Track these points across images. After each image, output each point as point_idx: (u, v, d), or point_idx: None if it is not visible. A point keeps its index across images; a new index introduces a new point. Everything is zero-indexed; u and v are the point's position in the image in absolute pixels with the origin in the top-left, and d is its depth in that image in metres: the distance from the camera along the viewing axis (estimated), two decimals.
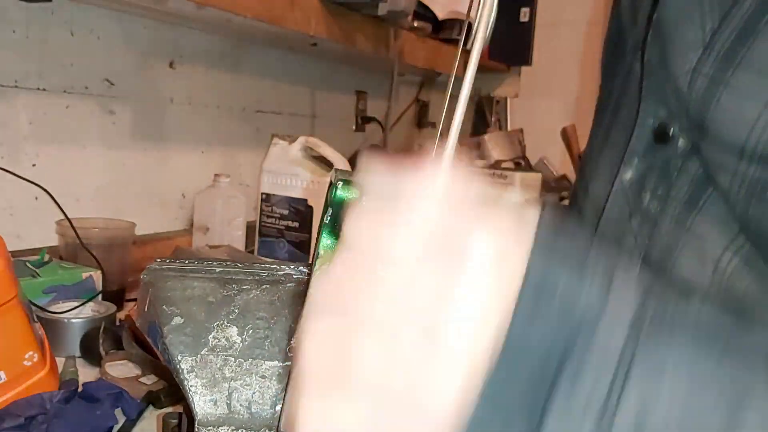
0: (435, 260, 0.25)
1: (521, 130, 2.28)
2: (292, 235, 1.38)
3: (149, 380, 0.84)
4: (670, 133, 0.49)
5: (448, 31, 1.88)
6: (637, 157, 0.51)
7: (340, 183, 0.38)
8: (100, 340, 0.90)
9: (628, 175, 0.52)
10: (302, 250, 1.37)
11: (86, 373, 0.87)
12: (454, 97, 0.32)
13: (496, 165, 1.93)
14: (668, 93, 0.48)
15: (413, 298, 0.24)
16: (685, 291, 0.27)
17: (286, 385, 0.42)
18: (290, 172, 1.38)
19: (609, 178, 0.54)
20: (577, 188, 0.61)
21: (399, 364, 0.24)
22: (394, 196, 0.26)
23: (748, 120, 0.42)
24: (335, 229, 0.40)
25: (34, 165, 1.17)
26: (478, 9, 0.32)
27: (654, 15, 0.49)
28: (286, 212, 1.38)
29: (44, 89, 1.18)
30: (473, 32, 0.32)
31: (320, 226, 0.41)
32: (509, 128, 2.34)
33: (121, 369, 0.87)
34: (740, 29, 0.43)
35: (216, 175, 1.41)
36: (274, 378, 0.43)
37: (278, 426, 0.39)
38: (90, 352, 0.91)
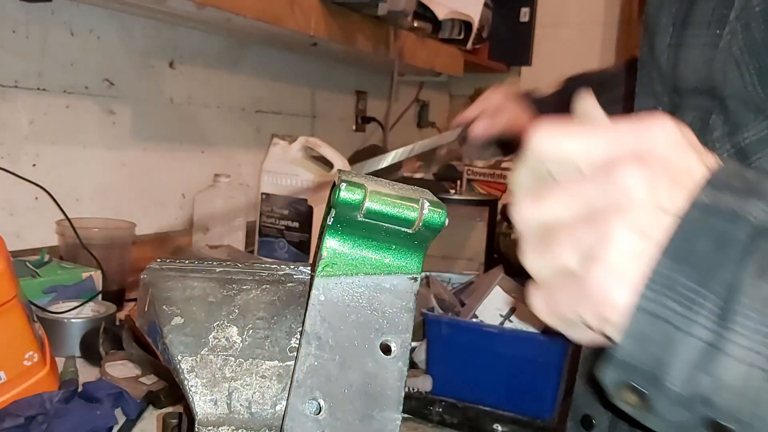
0: (669, 184, 0.32)
1: None
2: (292, 235, 1.38)
3: (149, 380, 0.84)
4: None
5: (448, 31, 1.87)
6: None
7: (344, 185, 0.38)
8: (100, 340, 0.90)
9: None
10: (302, 250, 1.37)
11: (86, 373, 0.87)
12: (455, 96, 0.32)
13: (496, 165, 1.93)
14: (654, 79, 0.53)
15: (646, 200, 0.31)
16: None
17: (287, 385, 0.42)
18: (290, 172, 1.38)
19: None
20: None
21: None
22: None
23: (696, 65, 0.48)
24: (338, 230, 0.40)
25: (34, 165, 1.17)
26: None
27: (642, 16, 0.55)
28: (286, 212, 1.38)
29: (44, 89, 1.18)
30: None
31: (322, 227, 0.41)
32: None
33: (121, 369, 0.87)
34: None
35: (216, 175, 1.41)
36: (274, 378, 0.43)
37: (282, 426, 0.39)
38: (90, 352, 0.92)
